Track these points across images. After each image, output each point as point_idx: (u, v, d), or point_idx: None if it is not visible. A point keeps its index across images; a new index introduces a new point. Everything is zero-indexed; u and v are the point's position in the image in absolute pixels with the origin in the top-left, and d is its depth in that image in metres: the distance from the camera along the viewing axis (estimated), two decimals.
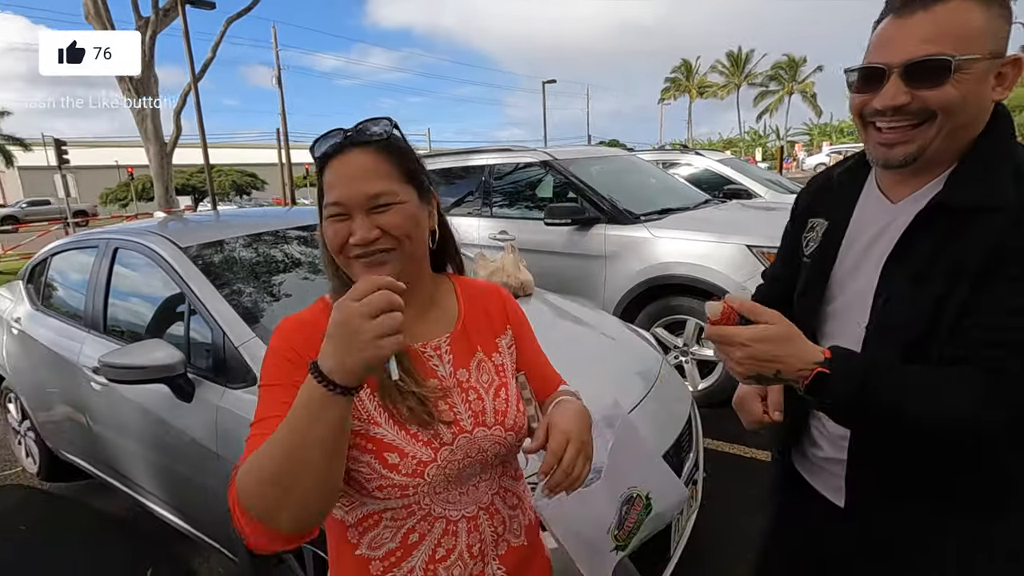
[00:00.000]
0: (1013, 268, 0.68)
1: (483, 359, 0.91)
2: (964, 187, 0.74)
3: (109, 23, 13.28)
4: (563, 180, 4.13)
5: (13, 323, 2.96)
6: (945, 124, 0.73)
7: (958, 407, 0.69)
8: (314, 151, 0.82)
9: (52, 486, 3.06)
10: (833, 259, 0.89)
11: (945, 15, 0.71)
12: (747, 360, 0.72)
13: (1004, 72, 0.74)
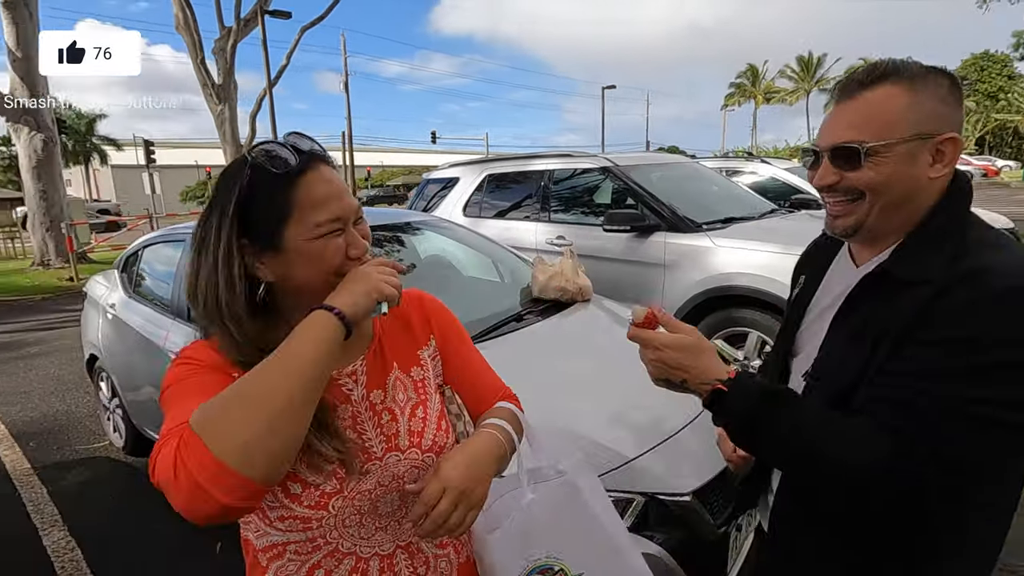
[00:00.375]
0: (923, 334, 0.71)
1: (399, 376, 0.84)
2: (905, 260, 0.78)
3: (197, 33, 14.27)
4: (623, 186, 4.09)
5: (108, 308, 3.22)
6: (875, 201, 0.79)
7: (844, 454, 0.71)
8: (272, 163, 0.72)
9: (135, 460, 3.31)
10: (802, 315, 0.96)
11: (865, 104, 0.78)
12: (658, 363, 0.81)
13: (942, 149, 0.77)
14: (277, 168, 0.72)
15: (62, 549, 2.49)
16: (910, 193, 0.78)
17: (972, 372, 0.67)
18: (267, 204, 0.72)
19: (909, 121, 0.75)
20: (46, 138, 10.74)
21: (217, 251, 0.72)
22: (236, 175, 0.73)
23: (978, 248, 0.74)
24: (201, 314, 0.75)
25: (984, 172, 27.17)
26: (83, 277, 9.08)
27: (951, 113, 0.77)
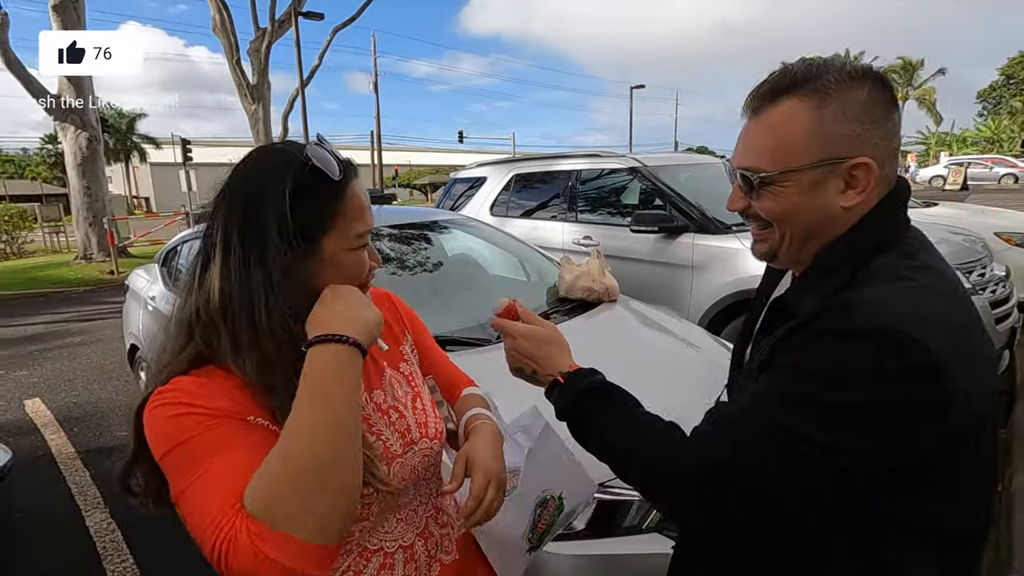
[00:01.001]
0: (774, 359, 0.67)
1: (393, 374, 0.87)
2: (798, 290, 0.74)
3: (233, 34, 14.64)
4: (651, 187, 4.07)
5: (149, 300, 3.35)
6: (784, 231, 0.72)
7: (655, 456, 0.70)
8: (330, 168, 0.70)
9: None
10: (754, 325, 0.88)
11: (767, 124, 0.69)
12: (512, 352, 0.83)
13: (855, 175, 0.67)
14: (333, 175, 0.70)
15: (103, 530, 2.61)
16: (820, 225, 0.70)
17: (792, 399, 0.61)
18: (315, 209, 0.70)
19: (813, 146, 0.67)
20: (90, 136, 11.16)
21: (267, 251, 0.67)
22: (285, 171, 0.69)
23: (869, 281, 0.65)
24: (240, 327, 0.67)
25: None
26: (123, 271, 9.42)
27: (868, 130, 0.66)
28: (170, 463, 0.63)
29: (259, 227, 0.68)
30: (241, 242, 0.68)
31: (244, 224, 0.68)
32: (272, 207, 0.68)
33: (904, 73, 47.85)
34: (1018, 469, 2.54)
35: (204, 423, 0.63)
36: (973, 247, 3.56)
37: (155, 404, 0.65)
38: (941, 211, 5.39)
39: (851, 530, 0.65)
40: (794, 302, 0.72)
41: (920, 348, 0.57)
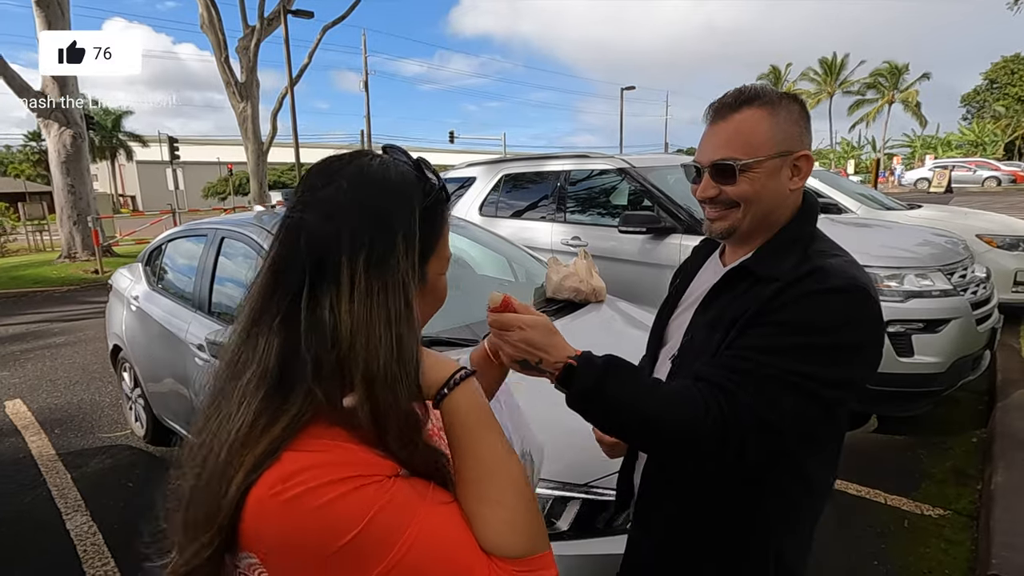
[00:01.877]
0: (766, 317, 0.82)
1: None
2: (762, 260, 0.89)
3: (221, 32, 14.52)
4: (639, 188, 4.08)
5: (132, 300, 3.31)
6: (748, 210, 0.90)
7: (679, 412, 0.78)
8: (445, 190, 0.66)
9: (155, 449, 3.39)
10: (672, 311, 1.08)
11: (736, 125, 0.88)
12: (520, 343, 0.83)
13: (798, 165, 0.89)
14: (447, 196, 0.66)
15: (84, 533, 2.57)
16: (775, 203, 0.90)
17: (800, 349, 0.78)
18: (431, 231, 0.63)
19: (774, 140, 0.87)
20: (75, 134, 11.02)
21: (395, 279, 0.57)
22: (410, 189, 0.61)
23: (819, 255, 0.87)
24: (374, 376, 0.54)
25: (1013, 178, 26.45)
26: (107, 270, 9.30)
27: (803, 134, 0.89)
28: (357, 549, 0.50)
29: (386, 251, 0.57)
30: (366, 268, 0.56)
31: (371, 247, 0.56)
32: (401, 228, 0.58)
33: (890, 77, 48.50)
34: (997, 468, 2.58)
35: (385, 488, 0.52)
36: (955, 249, 3.61)
37: (294, 491, 0.50)
38: (925, 213, 5.46)
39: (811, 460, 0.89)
40: (763, 268, 0.88)
41: (876, 300, 0.82)
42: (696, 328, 0.95)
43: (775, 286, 0.83)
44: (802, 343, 0.79)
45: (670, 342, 1.05)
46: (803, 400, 0.77)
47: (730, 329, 0.85)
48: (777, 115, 0.87)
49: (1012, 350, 4.12)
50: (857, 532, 2.35)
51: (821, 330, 0.79)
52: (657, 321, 1.12)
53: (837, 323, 0.79)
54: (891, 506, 2.55)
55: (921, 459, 2.95)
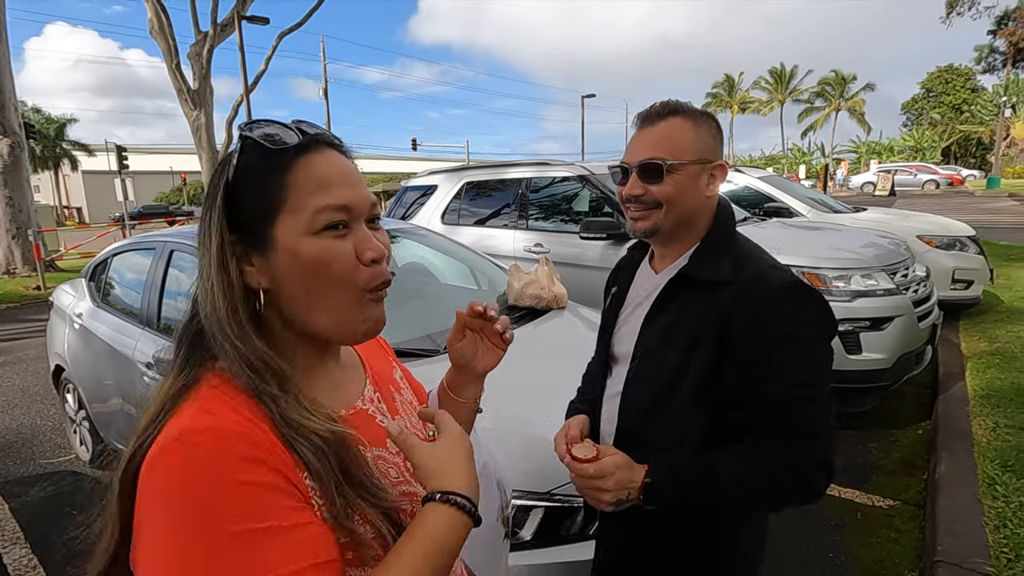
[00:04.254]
0: (746, 337, 0.87)
1: (400, 398, 0.77)
2: (700, 265, 0.95)
3: (172, 38, 14.07)
4: (599, 194, 4.14)
5: (75, 318, 3.14)
6: (671, 210, 0.96)
7: (781, 485, 0.86)
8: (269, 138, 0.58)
9: (102, 474, 3.22)
10: (615, 319, 1.10)
11: (663, 130, 0.96)
12: (615, 486, 0.87)
13: (714, 174, 0.97)
14: (274, 144, 0.57)
15: (24, 567, 2.41)
16: (694, 207, 0.97)
17: (793, 359, 0.86)
18: (258, 188, 0.57)
19: (696, 148, 0.95)
20: (13, 143, 10.44)
21: (211, 250, 0.57)
22: (228, 158, 0.59)
23: (748, 254, 0.96)
24: (209, 328, 0.57)
25: (950, 181, 28.07)
26: (51, 285, 8.83)
27: (718, 147, 0.98)
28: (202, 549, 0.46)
29: (203, 222, 0.59)
30: (200, 241, 0.59)
31: (200, 223, 0.60)
32: (209, 199, 0.59)
33: (836, 86, 50.80)
34: (941, 458, 2.71)
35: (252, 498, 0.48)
36: (897, 249, 3.79)
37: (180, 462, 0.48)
38: (870, 216, 5.72)
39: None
40: (704, 274, 0.94)
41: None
42: (647, 339, 0.99)
43: (726, 294, 0.89)
44: (797, 351, 0.87)
45: (620, 347, 1.08)
46: (824, 397, 0.87)
47: (695, 345, 0.90)
48: (699, 126, 0.96)
49: (952, 345, 4.35)
50: (813, 525, 2.42)
51: (802, 331, 0.87)
52: (603, 326, 1.15)
53: (805, 319, 0.88)
54: (844, 499, 2.64)
55: (871, 452, 3.07)
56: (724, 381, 0.89)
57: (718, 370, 0.89)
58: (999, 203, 18.38)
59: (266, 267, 0.58)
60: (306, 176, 0.57)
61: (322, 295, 0.58)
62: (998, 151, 31.13)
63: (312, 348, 0.64)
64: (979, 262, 5.00)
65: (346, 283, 0.58)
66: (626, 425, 1.00)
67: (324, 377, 0.65)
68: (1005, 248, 8.23)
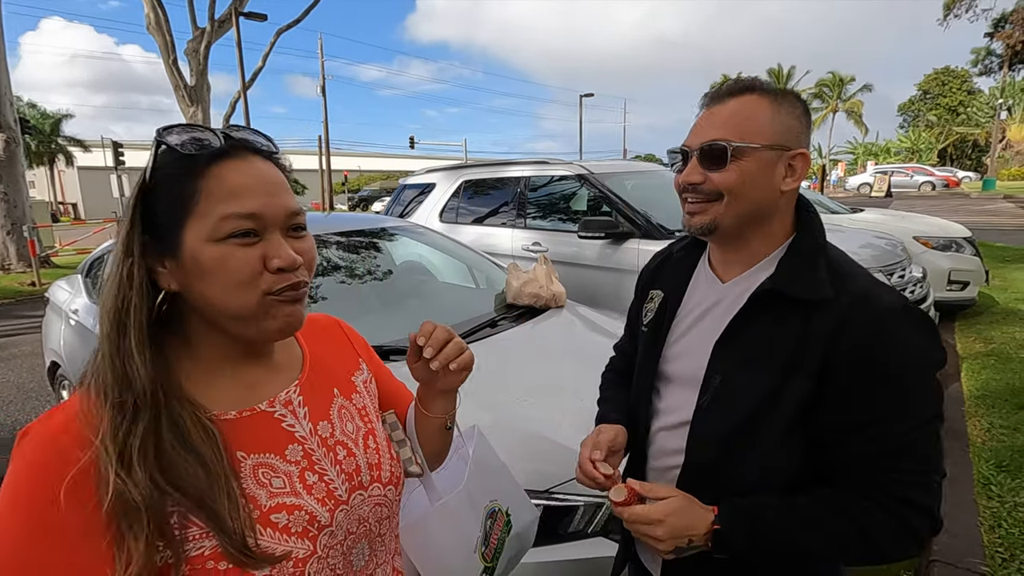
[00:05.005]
0: (855, 367, 0.73)
1: (344, 404, 0.74)
2: (792, 278, 0.79)
3: (169, 34, 14.01)
4: (598, 193, 4.14)
5: (71, 314, 3.13)
6: (732, 204, 0.81)
7: (882, 538, 0.73)
8: (182, 144, 0.59)
9: None
10: (667, 330, 0.94)
11: (732, 109, 0.81)
12: (667, 535, 0.76)
13: (794, 165, 0.81)
14: (185, 149, 0.58)
15: None
16: (764, 202, 0.82)
17: (912, 393, 0.73)
18: (169, 193, 0.58)
19: (772, 130, 0.80)
20: (8, 138, 10.38)
21: (120, 249, 0.59)
22: (147, 163, 0.61)
23: (845, 266, 0.81)
24: (102, 327, 0.59)
25: (946, 183, 28.18)
26: (46, 282, 8.79)
27: (803, 132, 0.82)
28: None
29: (123, 227, 0.60)
30: (115, 249, 0.61)
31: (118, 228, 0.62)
32: (131, 200, 0.60)
33: (833, 87, 50.94)
34: None
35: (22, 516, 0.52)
36: (894, 250, 3.80)
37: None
38: (867, 216, 5.74)
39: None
40: (799, 290, 0.78)
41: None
42: (724, 364, 0.83)
43: (830, 315, 0.75)
44: (913, 385, 0.73)
45: (678, 367, 0.92)
46: (934, 440, 0.75)
47: (785, 374, 0.77)
48: (779, 105, 0.80)
49: (948, 346, 4.37)
50: None
51: (916, 365, 0.74)
52: (649, 340, 0.97)
53: (922, 348, 0.74)
54: None
55: None
56: (822, 418, 0.76)
57: (815, 404, 0.76)
58: (995, 205, 18.46)
59: (177, 270, 0.60)
60: (218, 183, 0.58)
61: (225, 298, 0.59)
62: (994, 153, 31.26)
63: (231, 346, 0.65)
64: (975, 263, 5.03)
65: (245, 288, 0.59)
66: (698, 461, 0.85)
67: (234, 375, 0.65)
68: (1001, 250, 8.28)
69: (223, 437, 0.59)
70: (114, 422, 0.54)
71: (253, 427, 0.63)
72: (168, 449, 0.55)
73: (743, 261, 0.86)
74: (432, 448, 0.85)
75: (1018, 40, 22.96)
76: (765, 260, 0.84)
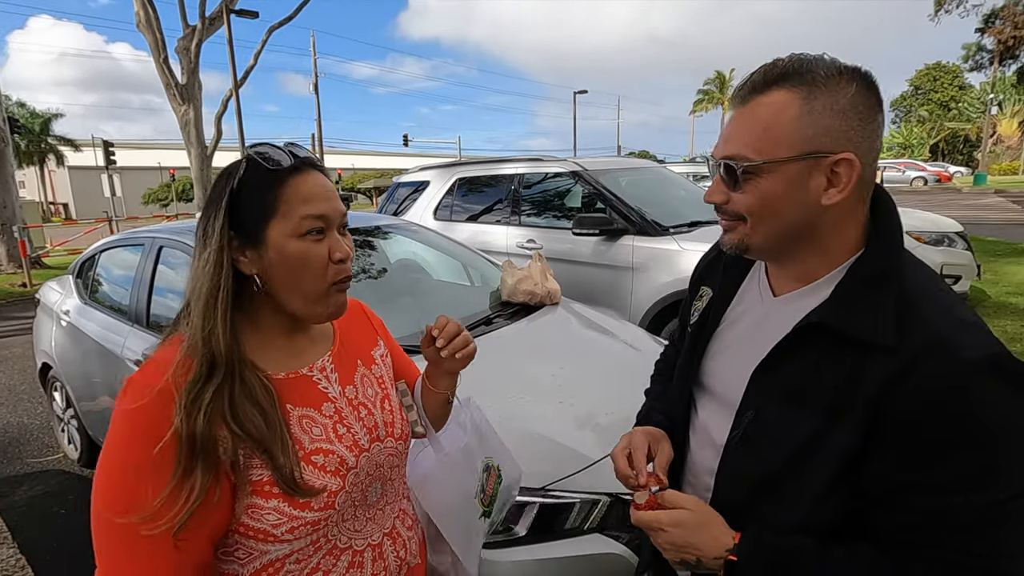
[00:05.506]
0: (945, 429, 0.59)
1: (365, 372, 0.90)
2: (843, 312, 0.66)
3: (159, 31, 13.88)
4: (592, 190, 4.14)
5: (62, 315, 3.10)
6: (758, 226, 0.70)
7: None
8: (267, 160, 0.75)
9: (91, 473, 3.18)
10: (711, 333, 0.85)
11: (755, 113, 0.68)
12: (668, 545, 0.72)
13: (838, 171, 0.65)
14: (270, 164, 0.75)
15: (12, 567, 2.38)
16: (801, 220, 0.68)
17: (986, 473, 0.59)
18: (256, 197, 0.74)
19: (800, 136, 0.65)
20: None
21: (211, 242, 0.74)
22: (232, 171, 0.76)
23: (920, 298, 0.65)
24: (191, 308, 0.74)
25: (938, 178, 28.36)
26: (37, 282, 8.71)
27: (853, 127, 0.65)
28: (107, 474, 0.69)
29: (205, 221, 0.75)
30: (199, 237, 0.75)
31: (200, 223, 0.76)
32: (213, 203, 0.75)
33: None
34: None
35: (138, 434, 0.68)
36: None
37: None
38: None
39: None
40: (849, 327, 0.65)
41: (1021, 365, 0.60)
42: (763, 395, 0.73)
43: (890, 362, 0.62)
44: (994, 452, 0.59)
45: (713, 382, 0.84)
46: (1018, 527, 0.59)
47: (830, 418, 0.65)
48: (815, 100, 0.65)
49: None
50: None
51: (1004, 429, 0.58)
52: (692, 343, 0.88)
53: (1008, 416, 0.59)
54: None
55: None
56: (870, 473, 0.64)
57: (862, 457, 0.64)
58: (986, 199, 18.60)
59: (257, 259, 0.75)
60: (295, 192, 0.75)
61: (298, 283, 0.76)
62: (985, 148, 31.49)
63: (285, 322, 0.81)
64: (967, 258, 5.06)
65: (317, 276, 0.76)
66: (727, 497, 0.77)
67: (284, 344, 0.82)
68: (992, 244, 8.34)
69: (277, 391, 0.75)
70: (195, 377, 0.69)
71: (298, 386, 0.79)
72: (238, 401, 0.70)
73: (797, 277, 0.74)
74: (434, 414, 1.01)
75: (1008, 36, 23.11)
76: (825, 278, 0.71)
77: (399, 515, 0.92)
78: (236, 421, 0.69)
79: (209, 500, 0.67)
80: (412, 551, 0.93)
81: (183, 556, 0.67)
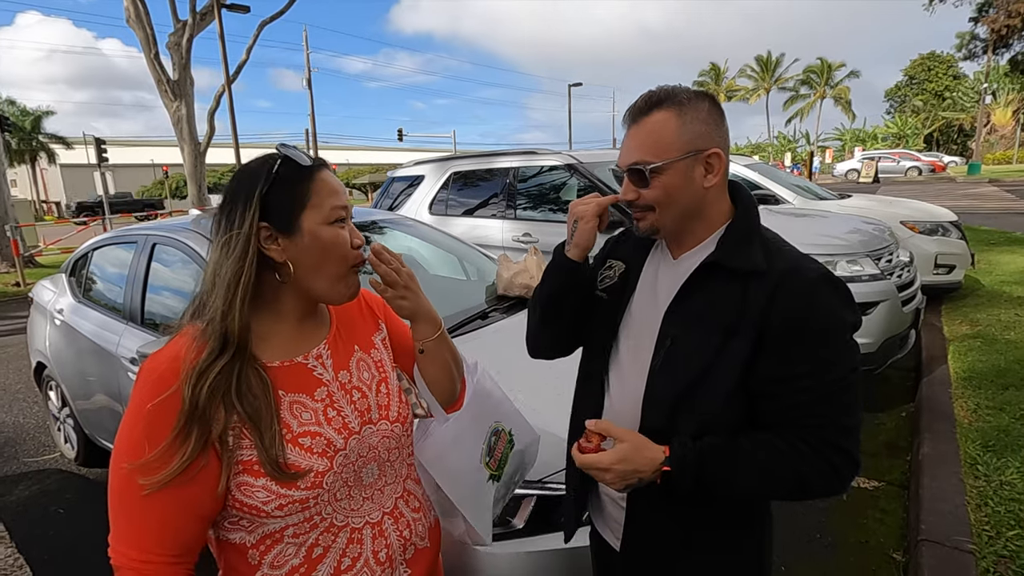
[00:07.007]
0: (788, 329, 0.84)
1: (362, 357, 0.94)
2: (730, 252, 0.90)
3: (150, 27, 13.74)
4: (587, 183, 4.13)
5: (56, 314, 3.08)
6: (665, 211, 0.92)
7: (812, 477, 0.84)
8: (300, 157, 0.84)
9: (88, 472, 3.18)
10: (628, 298, 1.03)
11: (646, 129, 0.90)
12: (616, 480, 0.86)
13: (711, 162, 0.90)
14: (303, 162, 0.83)
15: (9, 566, 2.38)
16: (693, 201, 0.92)
17: (838, 350, 0.85)
18: (291, 190, 0.82)
19: (682, 141, 0.88)
20: None
21: (239, 233, 0.79)
22: (262, 167, 0.83)
23: (776, 242, 0.93)
24: (212, 292, 0.80)
25: (932, 168, 28.41)
26: (31, 281, 8.67)
27: (713, 131, 0.90)
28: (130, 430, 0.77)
29: (230, 215, 0.81)
30: (221, 229, 0.82)
31: (222, 216, 0.82)
32: (241, 197, 0.81)
33: (821, 74, 51.05)
34: (924, 440, 2.76)
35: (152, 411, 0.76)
36: (882, 235, 3.83)
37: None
38: (855, 202, 5.77)
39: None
40: (736, 262, 0.89)
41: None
42: (674, 328, 0.92)
43: (763, 284, 0.86)
44: (835, 344, 0.84)
45: (631, 335, 1.01)
46: (853, 390, 0.85)
47: (726, 336, 0.87)
48: (684, 115, 0.89)
49: (935, 328, 4.42)
50: (799, 507, 2.46)
51: (838, 326, 0.85)
52: (608, 307, 1.06)
53: (842, 310, 0.86)
54: None
55: None
56: (758, 373, 0.86)
57: (753, 363, 0.86)
58: (980, 189, 18.67)
59: (289, 246, 0.82)
60: (322, 185, 0.84)
61: (326, 266, 0.84)
62: (979, 138, 31.55)
63: (300, 306, 0.88)
64: (961, 247, 5.08)
65: (343, 259, 0.85)
66: (652, 423, 0.93)
67: (290, 331, 0.87)
68: (986, 233, 8.37)
69: (271, 380, 0.81)
70: (208, 353, 0.76)
71: (292, 374, 0.85)
72: (242, 378, 0.78)
73: (689, 243, 0.97)
74: (441, 388, 1.02)
75: (1002, 24, 23.09)
76: (708, 240, 0.95)
77: (403, 495, 0.95)
78: (237, 395, 0.77)
79: (194, 467, 0.74)
80: (418, 532, 0.96)
81: (168, 515, 0.75)
